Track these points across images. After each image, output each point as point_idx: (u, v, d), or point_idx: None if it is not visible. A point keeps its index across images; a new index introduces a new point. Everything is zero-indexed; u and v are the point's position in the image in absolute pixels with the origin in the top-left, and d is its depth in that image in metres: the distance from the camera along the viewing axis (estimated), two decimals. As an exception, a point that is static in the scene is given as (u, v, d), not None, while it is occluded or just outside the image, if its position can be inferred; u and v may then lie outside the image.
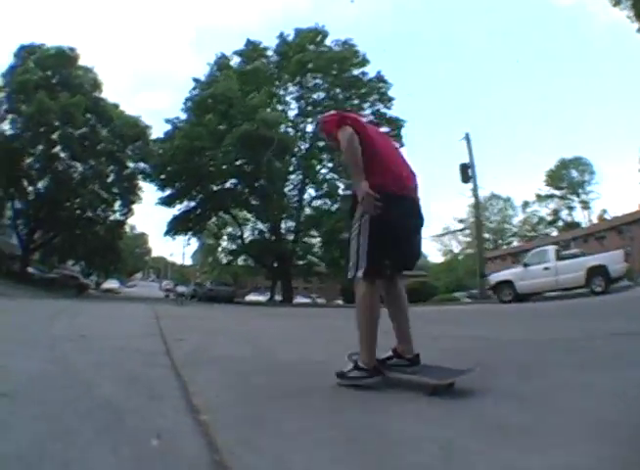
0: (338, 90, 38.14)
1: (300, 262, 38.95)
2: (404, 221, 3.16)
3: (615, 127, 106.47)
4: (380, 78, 37.97)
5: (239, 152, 33.01)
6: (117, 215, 39.54)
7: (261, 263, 40.60)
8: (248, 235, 40.55)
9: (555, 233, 64.62)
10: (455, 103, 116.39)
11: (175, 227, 37.58)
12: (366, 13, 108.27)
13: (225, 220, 42.96)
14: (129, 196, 38.07)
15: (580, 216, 67.78)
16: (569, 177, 67.50)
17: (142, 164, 37.30)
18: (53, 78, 33.93)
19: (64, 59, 34.09)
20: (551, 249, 18.55)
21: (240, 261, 45.49)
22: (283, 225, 37.38)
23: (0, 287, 20.76)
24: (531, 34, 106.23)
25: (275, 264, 38.05)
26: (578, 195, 66.84)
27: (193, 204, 37.86)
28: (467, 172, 26.82)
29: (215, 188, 36.97)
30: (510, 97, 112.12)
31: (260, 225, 39.02)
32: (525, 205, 72.23)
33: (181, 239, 41.35)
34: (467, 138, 27.46)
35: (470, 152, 27.16)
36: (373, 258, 2.97)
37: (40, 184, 35.35)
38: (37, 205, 34.91)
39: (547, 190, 69.05)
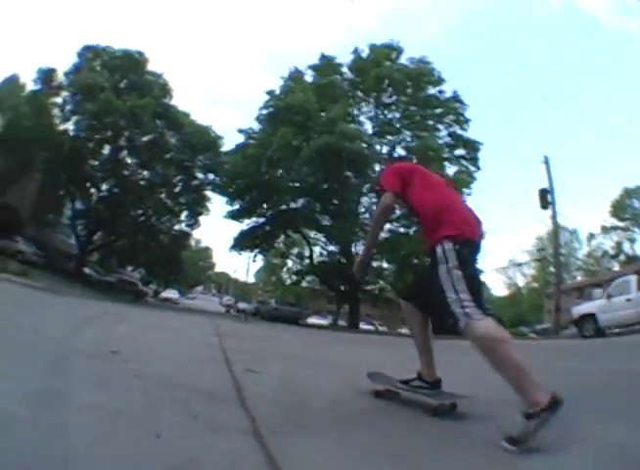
0: (413, 108, 35.26)
1: (370, 287, 36.10)
2: (476, 261, 3.28)
3: None
4: (456, 98, 35.09)
5: (315, 165, 30.58)
6: (183, 226, 38.02)
7: (328, 286, 37.89)
8: (316, 256, 38.12)
9: (617, 268, 60.35)
10: (525, 127, 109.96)
11: (242, 243, 35.27)
12: (433, 33, 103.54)
13: (294, 240, 40.57)
14: (196, 207, 36.29)
15: None
16: (631, 208, 62.28)
17: (211, 176, 35.33)
18: (121, 82, 32.70)
19: (132, 62, 32.78)
20: (633, 279, 16.03)
21: (304, 283, 42.67)
22: (354, 248, 34.31)
23: (54, 284, 19.48)
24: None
25: (342, 288, 35.11)
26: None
27: (262, 220, 35.52)
28: (546, 198, 24.75)
29: (286, 206, 34.68)
30: (579, 121, 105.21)
31: (331, 247, 36.33)
32: (591, 237, 67.19)
33: (246, 255, 39.04)
34: (546, 161, 25.43)
35: (549, 176, 25.15)
36: (477, 301, 2.82)
37: (104, 187, 34.16)
38: (99, 207, 33.67)
39: (612, 221, 63.86)
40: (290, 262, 59.43)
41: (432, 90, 35.32)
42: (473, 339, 2.75)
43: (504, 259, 71.18)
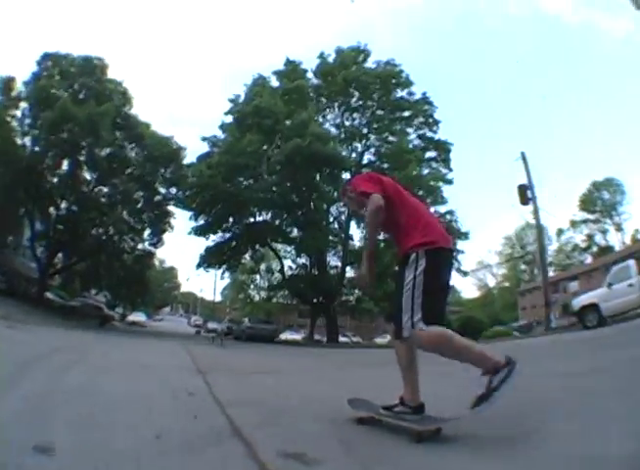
0: (381, 112, 34.07)
1: (348, 298, 34.59)
2: (449, 275, 3.41)
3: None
4: (425, 100, 33.97)
5: (285, 172, 28.81)
6: (146, 245, 35.66)
7: (302, 299, 35.72)
8: (286, 269, 36.42)
9: (589, 260, 61.82)
10: (497, 126, 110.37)
11: (208, 259, 33.17)
12: (398, 37, 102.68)
13: (262, 254, 38.49)
14: (159, 224, 33.90)
15: (614, 239, 63.81)
16: (601, 200, 63.34)
17: (174, 190, 33.14)
18: (80, 91, 30.24)
19: (91, 68, 30.51)
20: (632, 263, 15.81)
21: (275, 299, 40.65)
22: (328, 258, 32.86)
23: (13, 311, 18.11)
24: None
25: (316, 300, 33.30)
26: (612, 217, 62.20)
27: (228, 235, 33.57)
28: (526, 194, 24.26)
29: (253, 219, 33.18)
30: (544, 120, 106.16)
31: (301, 259, 34.69)
32: (560, 232, 67.58)
33: (213, 274, 37.16)
34: (523, 158, 24.78)
35: (527, 172, 24.60)
36: (430, 310, 3.00)
37: (63, 205, 31.60)
38: (58, 227, 31.26)
39: (581, 215, 64.75)
40: (258, 279, 58.29)
41: (400, 93, 34.21)
42: (417, 345, 3.10)
43: (474, 262, 70.37)
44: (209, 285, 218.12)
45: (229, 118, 32.59)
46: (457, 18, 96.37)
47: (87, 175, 31.93)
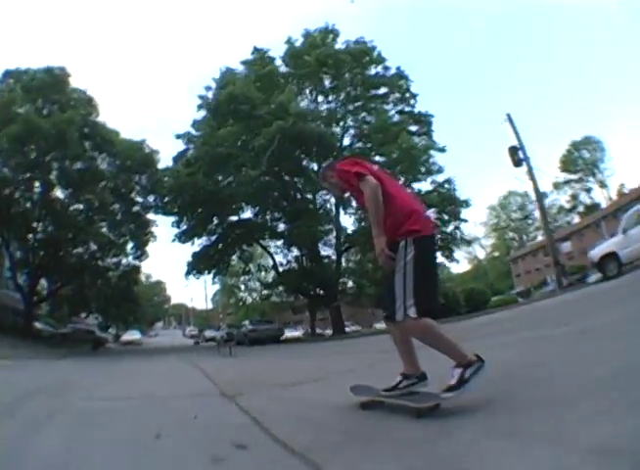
0: (356, 92, 32.13)
1: (349, 285, 32.83)
2: (436, 261, 3.84)
3: (614, 96, 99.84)
4: (400, 75, 32.18)
5: (270, 158, 26.53)
6: (131, 259, 33.50)
7: (301, 294, 33.83)
8: (279, 265, 34.34)
9: (576, 220, 62.07)
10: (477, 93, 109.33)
11: (197, 265, 31.26)
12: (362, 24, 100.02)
13: (250, 254, 36.47)
14: (141, 236, 31.70)
15: (599, 196, 63.84)
16: (582, 159, 63.29)
17: (152, 198, 30.96)
18: (44, 107, 27.99)
19: (53, 79, 27.98)
20: None
21: (272, 296, 38.67)
22: (321, 249, 31.21)
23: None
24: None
25: (314, 293, 31.53)
26: (594, 175, 61.97)
27: (214, 238, 31.73)
28: (517, 155, 23.56)
29: (236, 217, 31.57)
30: (513, 86, 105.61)
31: (293, 252, 32.76)
32: (544, 195, 65.58)
33: (202, 281, 35.29)
34: (510, 119, 24.16)
35: (516, 133, 23.88)
36: (421, 299, 3.07)
37: (39, 228, 29.23)
38: (38, 252, 29.13)
39: (563, 176, 64.03)
40: (249, 279, 55.89)
41: (374, 70, 32.43)
42: (405, 330, 3.24)
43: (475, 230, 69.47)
44: (199, 293, 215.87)
45: (201, 115, 30.82)
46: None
47: (60, 194, 29.78)
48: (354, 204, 25.33)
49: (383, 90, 32.46)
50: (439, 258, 32.40)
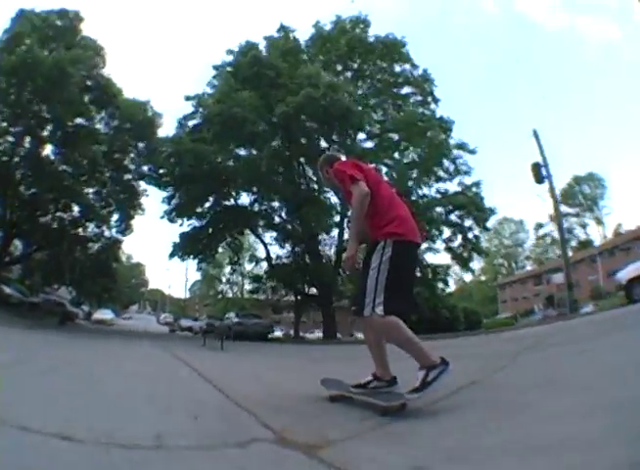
0: (380, 85, 29.40)
1: (349, 287, 29.18)
2: (415, 267, 4.02)
3: (617, 137, 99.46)
4: (426, 77, 29.33)
5: (288, 132, 23.64)
6: (114, 232, 30.08)
7: (294, 291, 30.37)
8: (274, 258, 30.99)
9: (570, 253, 57.84)
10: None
11: (185, 247, 27.87)
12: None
13: (241, 243, 33.15)
14: (128, 208, 28.40)
15: (594, 233, 63.37)
16: (582, 194, 62.27)
17: (146, 167, 27.68)
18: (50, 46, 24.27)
19: (65, 22, 25.09)
20: None
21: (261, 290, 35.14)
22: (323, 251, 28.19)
23: None
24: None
25: (307, 291, 28.43)
26: (592, 211, 60.45)
27: (205, 220, 28.48)
28: (540, 172, 21.99)
29: (232, 202, 28.49)
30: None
31: (288, 246, 29.61)
32: (539, 226, 66.00)
33: (182, 268, 31.73)
34: (535, 135, 22.59)
35: (541, 149, 22.34)
36: (390, 298, 3.09)
37: (22, 187, 25.99)
38: (16, 210, 26.12)
39: (561, 209, 61.31)
40: (229, 272, 53.69)
41: (398, 68, 29.59)
42: (371, 326, 3.29)
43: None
44: (177, 281, 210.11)
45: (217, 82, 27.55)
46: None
47: (49, 153, 26.56)
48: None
49: (406, 90, 29.75)
50: (454, 266, 30.06)
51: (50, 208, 26.66)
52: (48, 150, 26.50)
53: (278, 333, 36.33)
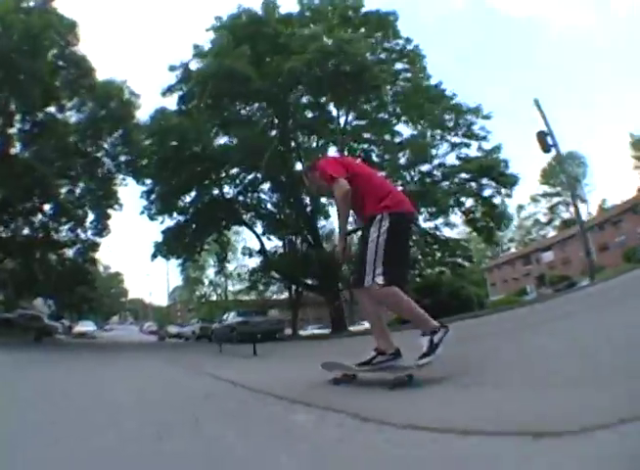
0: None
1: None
2: (410, 237, 3.80)
3: (597, 114, 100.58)
4: (417, 53, 25.33)
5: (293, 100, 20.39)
6: (90, 234, 26.47)
7: (295, 283, 26.98)
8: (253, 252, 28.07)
9: (552, 233, 59.81)
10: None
11: (168, 245, 24.53)
12: None
13: (228, 239, 29.82)
14: (104, 207, 24.94)
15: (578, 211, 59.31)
16: (564, 173, 59.09)
17: (123, 158, 24.20)
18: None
19: None
20: None
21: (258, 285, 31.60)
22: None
23: None
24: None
25: (309, 282, 24.99)
26: (576, 189, 58.48)
27: (189, 214, 24.96)
28: (545, 141, 20.59)
29: (218, 191, 24.97)
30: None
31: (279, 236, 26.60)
32: (520, 208, 64.23)
33: (162, 272, 28.23)
34: (537, 104, 21.14)
35: (544, 118, 20.86)
36: (390, 269, 3.11)
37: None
38: None
39: (542, 189, 62.08)
40: (212, 275, 52.49)
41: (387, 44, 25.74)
42: (372, 295, 3.21)
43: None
44: (158, 288, 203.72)
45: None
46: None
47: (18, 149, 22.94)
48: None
49: (398, 66, 26.19)
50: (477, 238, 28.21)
51: (20, 210, 23.41)
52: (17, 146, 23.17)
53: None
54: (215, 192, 25.13)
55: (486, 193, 22.31)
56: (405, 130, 24.91)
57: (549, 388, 2.30)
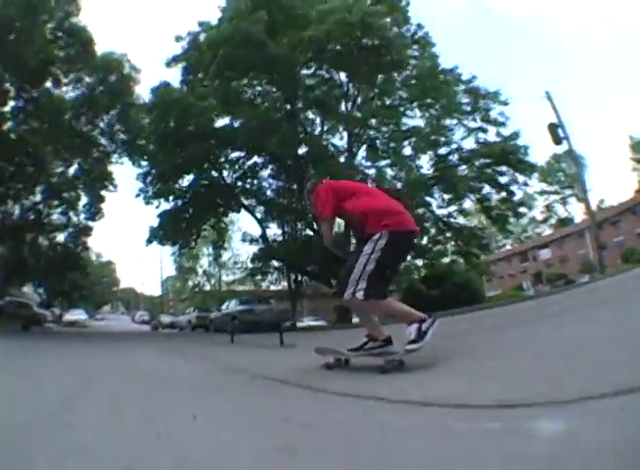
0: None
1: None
2: (406, 255, 4.33)
3: (598, 116, 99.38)
4: (426, 39, 24.02)
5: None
6: (82, 218, 25.14)
7: (299, 271, 25.15)
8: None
9: (548, 231, 59.58)
10: None
11: (164, 229, 23.08)
12: None
13: (226, 225, 28.31)
14: (98, 189, 23.50)
15: (575, 210, 64.12)
16: (562, 171, 59.58)
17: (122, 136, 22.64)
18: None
19: None
20: None
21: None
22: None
23: None
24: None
25: (316, 270, 23.40)
26: (573, 187, 57.83)
27: (187, 198, 23.59)
28: (557, 133, 20.27)
29: (218, 175, 23.67)
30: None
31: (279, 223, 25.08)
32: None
33: (153, 264, 26.74)
34: (548, 97, 21.00)
35: (555, 111, 20.60)
36: (373, 286, 3.18)
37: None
38: None
39: (541, 186, 60.04)
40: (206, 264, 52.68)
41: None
42: (350, 307, 3.78)
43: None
44: (150, 278, 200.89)
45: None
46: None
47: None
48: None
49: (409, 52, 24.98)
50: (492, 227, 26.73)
51: (10, 191, 21.87)
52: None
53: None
54: (214, 174, 23.84)
55: (503, 180, 21.25)
56: (412, 121, 23.71)
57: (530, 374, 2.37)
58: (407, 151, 23.00)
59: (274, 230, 25.49)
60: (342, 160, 21.85)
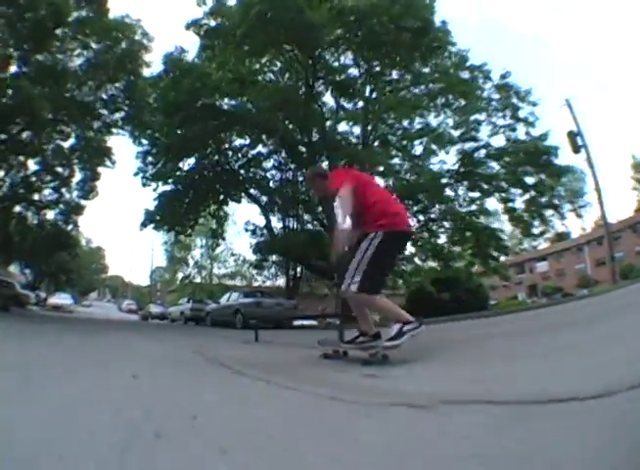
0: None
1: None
2: (398, 254, 4.41)
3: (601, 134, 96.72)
4: (443, 30, 22.62)
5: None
6: (75, 196, 23.24)
7: (304, 265, 23.29)
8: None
9: (543, 245, 56.54)
10: None
11: (161, 213, 21.17)
12: None
13: (226, 213, 26.36)
14: (94, 165, 21.60)
15: (572, 226, 61.65)
16: (562, 186, 57.31)
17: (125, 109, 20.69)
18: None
19: None
20: None
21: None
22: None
23: None
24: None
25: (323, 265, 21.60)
26: (572, 204, 56.67)
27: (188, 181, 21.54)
28: (576, 141, 19.89)
29: (223, 158, 21.90)
30: None
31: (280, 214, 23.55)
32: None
33: (143, 254, 24.74)
34: (568, 105, 20.68)
35: (575, 119, 20.50)
36: (367, 280, 3.34)
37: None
38: None
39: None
40: (198, 255, 50.53)
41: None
42: (346, 298, 3.64)
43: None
44: (139, 266, 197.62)
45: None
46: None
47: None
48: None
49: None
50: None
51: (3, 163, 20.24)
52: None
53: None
54: (218, 159, 22.06)
55: (529, 180, 19.96)
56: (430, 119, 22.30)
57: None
58: (419, 149, 22.10)
59: (274, 223, 23.73)
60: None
